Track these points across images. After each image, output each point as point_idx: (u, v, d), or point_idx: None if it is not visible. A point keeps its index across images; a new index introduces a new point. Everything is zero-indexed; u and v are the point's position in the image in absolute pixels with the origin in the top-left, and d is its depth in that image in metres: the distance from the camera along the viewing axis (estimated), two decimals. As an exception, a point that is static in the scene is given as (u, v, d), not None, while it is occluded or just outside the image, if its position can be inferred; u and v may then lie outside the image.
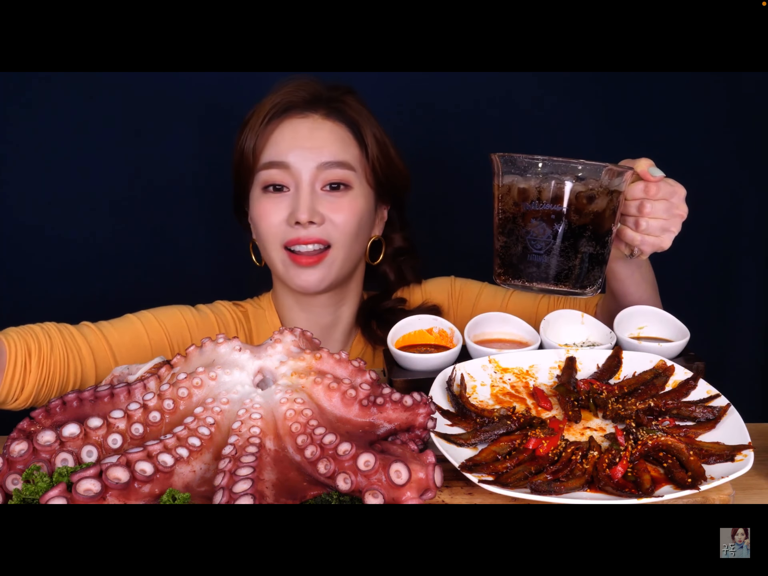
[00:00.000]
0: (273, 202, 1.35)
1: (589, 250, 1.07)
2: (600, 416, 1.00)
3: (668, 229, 1.12)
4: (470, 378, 1.07)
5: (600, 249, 1.08)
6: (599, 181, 1.04)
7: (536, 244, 1.06)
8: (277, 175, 1.34)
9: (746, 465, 0.86)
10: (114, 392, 0.91)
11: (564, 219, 1.04)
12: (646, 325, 1.19)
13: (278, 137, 1.35)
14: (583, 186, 1.03)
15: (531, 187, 1.04)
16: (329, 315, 1.46)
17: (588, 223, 1.05)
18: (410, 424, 0.89)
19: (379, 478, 0.77)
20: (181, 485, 0.80)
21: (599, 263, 1.09)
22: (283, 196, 1.34)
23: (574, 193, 1.03)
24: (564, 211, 1.04)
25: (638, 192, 1.11)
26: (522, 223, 1.06)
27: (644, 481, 0.85)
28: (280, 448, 0.85)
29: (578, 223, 1.04)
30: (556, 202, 1.04)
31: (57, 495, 0.74)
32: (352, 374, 0.94)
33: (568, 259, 1.06)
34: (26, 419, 0.89)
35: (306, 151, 1.33)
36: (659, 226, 1.11)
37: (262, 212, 1.36)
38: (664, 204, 1.11)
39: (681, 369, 1.07)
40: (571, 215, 1.04)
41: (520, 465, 0.89)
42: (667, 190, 1.11)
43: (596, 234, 1.06)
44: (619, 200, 1.07)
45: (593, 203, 1.04)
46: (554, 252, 1.05)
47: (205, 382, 0.91)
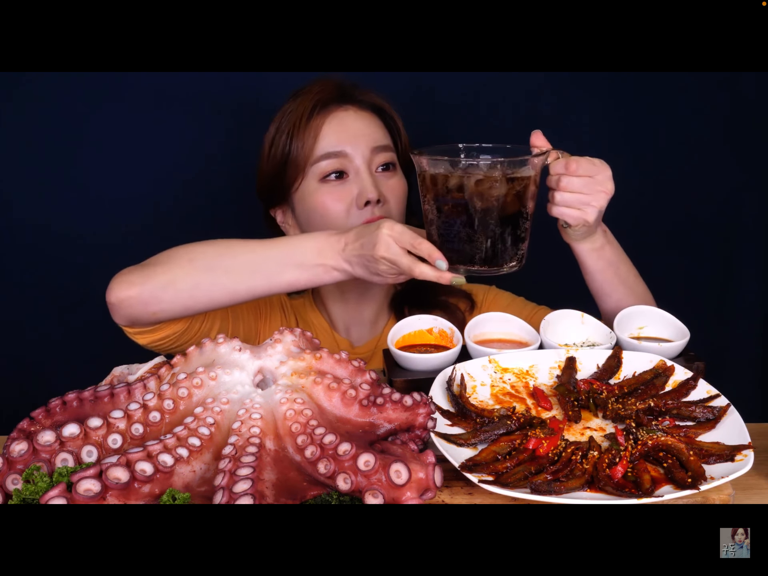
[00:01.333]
0: (336, 189, 1.38)
1: (498, 233, 1.12)
2: (600, 416, 1.00)
3: (589, 204, 1.16)
4: (470, 378, 1.07)
5: (512, 230, 1.13)
6: (498, 169, 1.10)
7: (450, 232, 1.13)
8: (336, 164, 1.38)
9: (746, 465, 0.86)
10: (114, 392, 0.91)
11: (468, 207, 1.11)
12: (646, 325, 1.19)
13: (328, 130, 1.39)
14: (482, 174, 1.10)
15: (439, 179, 1.12)
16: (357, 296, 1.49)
17: (491, 207, 1.11)
18: (410, 424, 0.89)
19: (379, 478, 0.77)
20: (181, 485, 0.80)
21: (514, 243, 1.14)
22: (345, 183, 1.38)
23: (472, 181, 1.10)
24: (466, 200, 1.11)
25: (559, 168, 1.17)
26: (437, 214, 1.14)
27: (644, 481, 0.85)
28: (280, 448, 0.85)
29: (482, 208, 1.11)
30: (459, 192, 1.11)
31: (57, 495, 0.74)
32: (352, 374, 0.95)
33: (480, 242, 1.12)
34: (26, 419, 0.90)
35: (358, 138, 1.39)
36: (576, 199, 1.16)
37: (327, 200, 1.38)
38: (583, 180, 1.16)
39: (681, 369, 1.07)
40: (474, 202, 1.11)
41: (520, 465, 0.89)
42: (587, 167, 1.16)
43: (503, 217, 1.12)
44: (525, 183, 1.12)
45: (493, 190, 1.10)
46: (465, 238, 1.12)
47: (205, 382, 0.91)
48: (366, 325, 1.50)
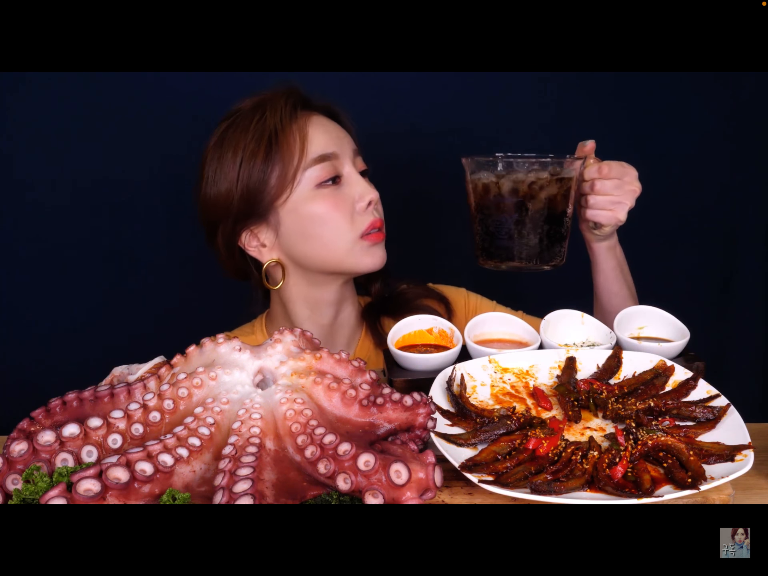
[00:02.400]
0: (335, 194, 1.33)
1: (545, 231, 1.22)
2: (600, 416, 1.00)
3: (620, 202, 1.26)
4: (470, 378, 1.07)
5: (557, 228, 1.23)
6: (548, 171, 1.20)
7: (501, 231, 1.22)
8: (331, 167, 1.33)
9: (746, 465, 0.86)
10: (114, 392, 0.91)
11: (521, 207, 1.20)
12: (646, 325, 1.19)
13: (314, 133, 1.33)
14: (534, 177, 1.19)
15: (491, 182, 1.21)
16: (334, 314, 1.45)
17: (542, 208, 1.20)
18: (410, 424, 0.89)
19: (379, 478, 0.77)
20: (181, 485, 0.80)
21: (558, 240, 1.24)
22: (340, 187, 1.34)
23: (526, 184, 1.19)
24: (520, 201, 1.20)
25: (593, 173, 1.26)
26: (488, 214, 1.23)
27: (644, 481, 0.85)
28: (280, 448, 0.85)
29: (533, 209, 1.21)
30: (513, 194, 1.20)
31: (57, 495, 0.74)
32: (352, 374, 0.95)
33: (528, 240, 1.22)
34: (26, 419, 0.89)
35: (341, 140, 1.36)
36: (609, 200, 1.26)
37: (328, 207, 1.32)
38: (614, 182, 1.25)
39: (681, 369, 1.07)
40: (526, 204, 1.20)
41: (520, 465, 0.89)
42: (618, 170, 1.26)
43: (551, 217, 1.22)
44: (569, 185, 1.22)
45: (543, 191, 1.20)
46: (515, 236, 1.21)
47: (205, 382, 0.91)
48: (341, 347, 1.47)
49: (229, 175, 1.31)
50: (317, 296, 1.41)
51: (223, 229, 1.36)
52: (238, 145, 1.31)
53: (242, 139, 1.31)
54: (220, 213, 1.34)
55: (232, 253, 1.40)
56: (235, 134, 1.32)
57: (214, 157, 1.34)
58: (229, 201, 1.32)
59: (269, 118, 1.31)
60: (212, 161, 1.34)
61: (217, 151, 1.34)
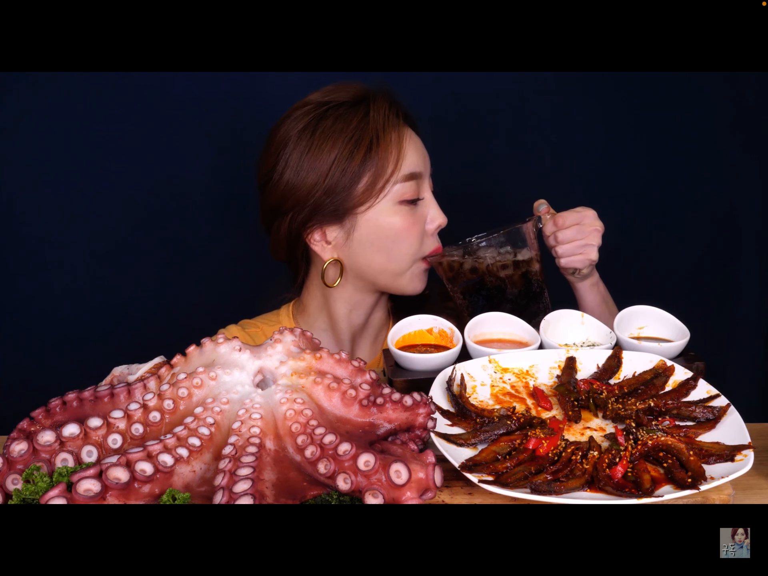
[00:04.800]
0: (413, 213, 1.33)
1: (518, 294, 1.31)
2: (600, 416, 1.00)
3: (587, 244, 1.30)
4: (470, 378, 1.07)
5: (526, 288, 1.31)
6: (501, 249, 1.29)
7: (476, 307, 1.31)
8: (416, 186, 1.32)
9: (746, 465, 0.86)
10: (114, 392, 0.91)
11: (486, 286, 1.30)
12: (646, 325, 1.19)
13: (409, 148, 1.32)
14: (490, 258, 1.29)
15: (456, 266, 1.31)
16: (368, 314, 1.47)
17: (505, 278, 1.30)
18: (410, 424, 0.89)
19: (379, 478, 0.77)
20: (181, 485, 0.80)
21: (533, 298, 1.32)
22: (417, 206, 1.35)
23: (483, 265, 1.29)
24: (483, 280, 1.30)
25: (551, 228, 1.31)
26: (460, 294, 1.33)
27: (644, 481, 0.85)
28: (280, 448, 0.85)
29: (496, 283, 1.30)
30: (474, 275, 1.30)
31: (57, 495, 0.74)
32: (352, 374, 0.94)
33: (504, 308, 1.27)
34: (26, 419, 0.89)
35: (426, 160, 1.37)
36: (575, 246, 1.30)
37: (406, 224, 1.32)
38: (573, 229, 1.29)
39: (681, 369, 1.07)
40: (486, 280, 1.30)
41: (520, 465, 0.89)
42: (573, 217, 1.30)
43: (522, 282, 1.31)
44: (523, 250, 1.30)
45: (503, 268, 1.29)
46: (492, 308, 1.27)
47: (205, 382, 0.91)
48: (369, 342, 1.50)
49: (319, 168, 1.28)
50: (359, 299, 1.43)
51: (293, 217, 1.33)
52: (337, 140, 1.28)
53: (342, 134, 1.28)
54: (298, 202, 1.31)
55: (294, 243, 1.37)
56: (336, 125, 1.29)
57: (302, 143, 1.29)
58: (311, 193, 1.29)
59: (372, 120, 1.29)
60: (299, 146, 1.29)
61: (307, 137, 1.29)
